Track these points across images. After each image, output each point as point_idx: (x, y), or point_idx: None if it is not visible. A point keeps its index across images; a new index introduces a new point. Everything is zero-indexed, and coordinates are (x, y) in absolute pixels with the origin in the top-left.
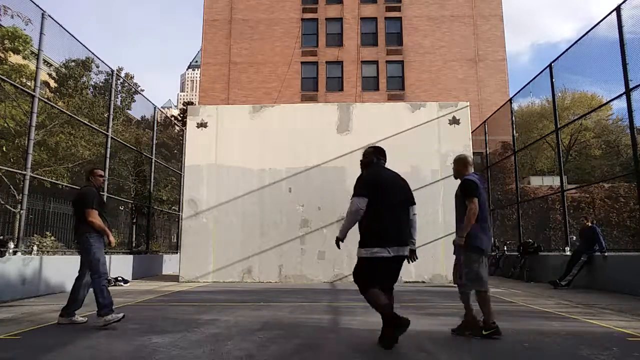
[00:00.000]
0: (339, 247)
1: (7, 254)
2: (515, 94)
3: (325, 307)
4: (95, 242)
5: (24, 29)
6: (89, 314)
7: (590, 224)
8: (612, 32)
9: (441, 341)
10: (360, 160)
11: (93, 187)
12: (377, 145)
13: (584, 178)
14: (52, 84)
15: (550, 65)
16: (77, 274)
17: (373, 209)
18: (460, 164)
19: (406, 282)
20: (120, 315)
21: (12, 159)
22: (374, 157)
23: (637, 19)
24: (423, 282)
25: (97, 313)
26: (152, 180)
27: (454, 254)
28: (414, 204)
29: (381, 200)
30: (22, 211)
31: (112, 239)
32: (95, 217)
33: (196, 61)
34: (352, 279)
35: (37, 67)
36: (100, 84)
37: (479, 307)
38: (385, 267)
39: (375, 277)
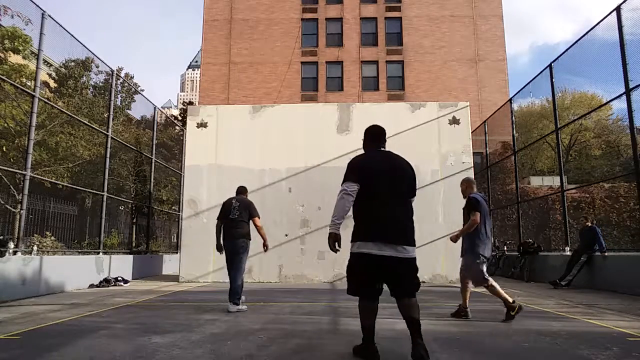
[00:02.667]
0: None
1: (7, 254)
2: (515, 94)
3: (325, 307)
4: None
5: (24, 29)
6: (90, 313)
7: (590, 224)
8: (611, 33)
9: (442, 341)
10: None
11: None
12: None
13: (584, 178)
14: (52, 84)
15: (550, 65)
16: (226, 267)
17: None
18: (465, 184)
19: None
20: (245, 307)
21: (12, 159)
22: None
23: (634, 21)
24: (423, 282)
25: (231, 300)
26: (152, 180)
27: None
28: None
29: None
30: (22, 211)
31: (268, 243)
32: (261, 225)
33: (196, 61)
34: None
35: (37, 67)
36: (100, 84)
37: (497, 296)
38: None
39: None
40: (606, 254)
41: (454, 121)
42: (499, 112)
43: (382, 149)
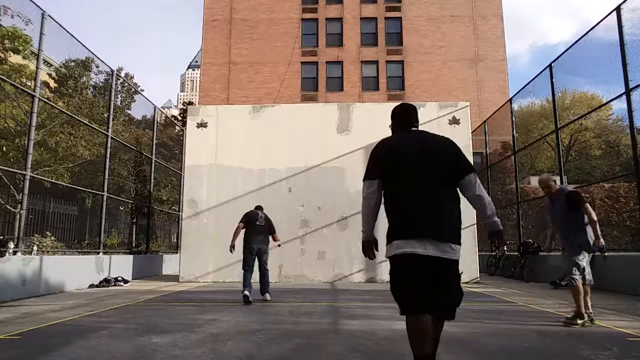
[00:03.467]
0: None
1: (7, 254)
2: (515, 94)
3: (325, 307)
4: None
5: (24, 29)
6: (90, 313)
7: None
8: (611, 33)
9: (442, 341)
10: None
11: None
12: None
13: (584, 178)
14: (52, 84)
15: (550, 65)
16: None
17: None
18: (550, 182)
19: None
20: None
21: (12, 159)
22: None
23: (634, 22)
24: None
25: (264, 292)
26: (152, 180)
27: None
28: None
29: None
30: (22, 211)
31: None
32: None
33: (196, 61)
34: (355, 279)
35: (37, 67)
36: (100, 84)
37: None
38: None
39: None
40: (606, 254)
41: (454, 121)
42: (499, 112)
43: (414, 129)
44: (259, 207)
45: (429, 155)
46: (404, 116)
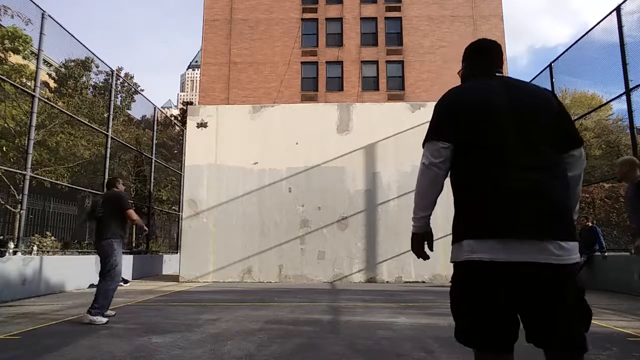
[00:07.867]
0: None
1: (7, 254)
2: None
3: (325, 307)
4: None
5: (24, 29)
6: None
7: (590, 224)
8: (610, 35)
9: (442, 341)
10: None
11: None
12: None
13: (584, 178)
14: (52, 84)
15: (550, 65)
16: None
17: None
18: (628, 165)
19: (406, 282)
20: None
21: (12, 159)
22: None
23: (630, 25)
24: (423, 282)
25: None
26: (152, 180)
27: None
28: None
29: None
30: (22, 211)
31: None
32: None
33: (196, 61)
34: (355, 279)
35: (37, 67)
36: (100, 84)
37: None
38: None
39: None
40: (606, 254)
41: None
42: None
43: (498, 74)
44: (107, 183)
45: (529, 108)
46: (486, 54)
